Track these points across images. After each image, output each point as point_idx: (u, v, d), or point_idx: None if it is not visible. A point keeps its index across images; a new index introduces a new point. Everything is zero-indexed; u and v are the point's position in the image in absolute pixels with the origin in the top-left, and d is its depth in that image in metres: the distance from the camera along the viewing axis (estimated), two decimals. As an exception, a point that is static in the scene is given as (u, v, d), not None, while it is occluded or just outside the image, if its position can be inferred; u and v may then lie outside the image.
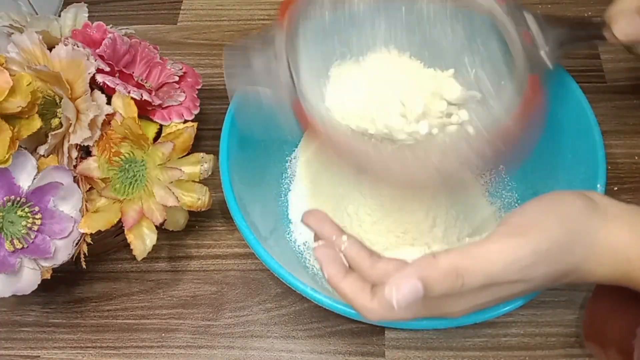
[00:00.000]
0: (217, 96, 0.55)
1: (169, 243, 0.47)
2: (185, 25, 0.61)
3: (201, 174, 0.41)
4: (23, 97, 0.37)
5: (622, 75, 0.54)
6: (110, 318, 0.44)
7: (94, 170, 0.40)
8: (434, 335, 0.42)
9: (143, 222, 0.40)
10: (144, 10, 0.63)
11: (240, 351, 0.42)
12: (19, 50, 0.39)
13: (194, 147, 0.41)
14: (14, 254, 0.37)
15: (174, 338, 0.43)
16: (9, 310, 0.45)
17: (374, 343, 0.42)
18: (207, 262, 0.46)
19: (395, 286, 0.26)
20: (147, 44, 0.46)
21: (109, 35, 0.43)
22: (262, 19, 0.61)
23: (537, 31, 0.38)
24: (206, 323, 0.44)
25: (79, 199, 0.39)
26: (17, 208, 0.38)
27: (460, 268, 0.27)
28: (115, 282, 0.46)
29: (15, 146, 0.37)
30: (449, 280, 0.27)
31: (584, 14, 0.58)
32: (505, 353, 0.41)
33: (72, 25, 0.45)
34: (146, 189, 0.40)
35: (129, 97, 0.40)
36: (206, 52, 0.59)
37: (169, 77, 0.45)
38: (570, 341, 0.41)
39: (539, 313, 0.42)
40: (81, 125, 0.38)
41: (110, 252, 0.47)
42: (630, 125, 0.51)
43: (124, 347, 0.43)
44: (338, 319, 0.43)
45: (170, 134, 0.41)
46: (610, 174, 0.47)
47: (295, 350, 0.42)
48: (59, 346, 0.43)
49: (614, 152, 0.49)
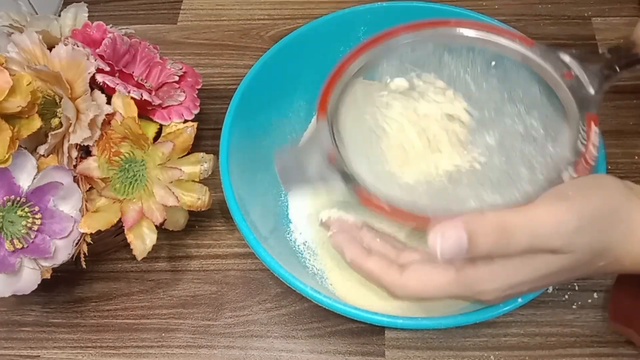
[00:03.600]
0: (217, 96, 0.55)
1: (169, 243, 0.47)
2: (185, 25, 0.61)
3: (201, 174, 0.41)
4: (23, 96, 0.37)
5: (622, 75, 0.54)
6: (110, 318, 0.44)
7: (94, 170, 0.40)
8: (434, 335, 0.42)
9: (143, 222, 0.40)
10: (144, 10, 0.63)
11: (240, 351, 0.42)
12: (19, 50, 0.39)
13: (194, 147, 0.41)
14: (14, 253, 0.37)
15: (174, 338, 0.43)
16: (9, 310, 0.45)
17: (374, 343, 0.42)
18: (207, 262, 0.46)
19: (440, 233, 0.25)
20: (147, 43, 0.46)
21: (108, 35, 0.43)
22: (262, 19, 0.61)
23: (579, 69, 0.37)
24: (206, 323, 0.44)
25: (79, 199, 0.39)
26: (17, 208, 0.38)
27: (508, 223, 0.26)
28: (115, 282, 0.46)
29: (15, 146, 0.37)
30: (495, 235, 0.26)
31: (584, 14, 0.58)
32: (505, 353, 0.41)
33: (72, 25, 0.45)
34: (146, 189, 0.40)
35: (129, 96, 0.40)
36: (206, 52, 0.59)
37: (169, 76, 0.45)
38: (570, 341, 0.41)
39: (539, 313, 0.42)
40: (81, 125, 0.38)
41: (110, 252, 0.47)
42: (630, 125, 0.51)
43: (124, 347, 0.43)
44: (338, 319, 0.43)
45: (170, 134, 0.41)
46: (610, 174, 0.47)
47: (295, 350, 0.42)
48: (59, 346, 0.43)
49: (614, 152, 0.49)
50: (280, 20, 0.61)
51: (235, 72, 0.57)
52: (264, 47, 0.58)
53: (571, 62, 0.37)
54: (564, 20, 0.58)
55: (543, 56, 0.38)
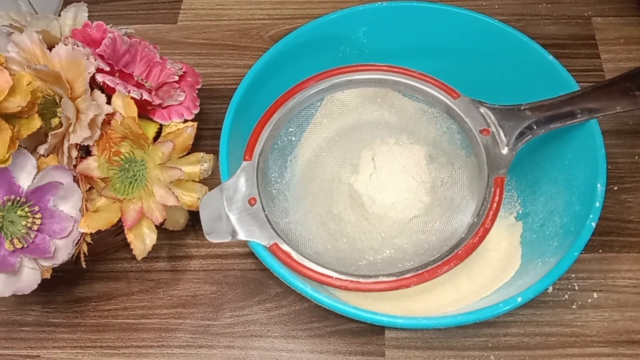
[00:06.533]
0: (217, 96, 0.55)
1: (169, 243, 0.47)
2: (185, 25, 0.61)
3: (201, 174, 0.41)
4: (23, 96, 0.37)
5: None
6: (110, 318, 0.44)
7: (94, 170, 0.40)
8: (434, 335, 0.42)
9: (143, 222, 0.40)
10: (144, 9, 0.63)
11: (240, 351, 0.42)
12: (18, 50, 0.39)
13: (194, 146, 0.41)
14: (14, 253, 0.37)
15: (174, 338, 0.43)
16: (9, 310, 0.45)
17: (374, 343, 0.42)
18: (207, 262, 0.46)
19: None
20: (147, 43, 0.46)
21: (108, 35, 0.43)
22: (262, 19, 0.61)
23: (497, 127, 0.39)
24: (206, 323, 0.44)
25: (79, 199, 0.39)
26: (17, 208, 0.38)
27: None
28: (115, 281, 0.46)
29: (15, 146, 0.37)
30: None
31: (584, 13, 0.59)
32: (505, 353, 0.41)
33: (72, 24, 0.45)
34: (146, 189, 0.40)
35: (129, 96, 0.40)
36: (206, 52, 0.59)
37: (168, 76, 0.45)
38: (570, 341, 0.41)
39: (539, 313, 0.42)
40: (81, 125, 0.38)
41: (110, 252, 0.47)
42: (630, 125, 0.51)
43: (124, 346, 0.43)
44: (338, 319, 0.43)
45: (170, 134, 0.41)
46: (610, 174, 0.47)
47: (295, 350, 0.42)
48: (59, 346, 0.43)
49: (614, 152, 0.49)
50: (280, 20, 0.61)
51: (235, 72, 0.57)
52: (264, 47, 0.58)
53: (491, 117, 0.39)
54: (564, 20, 0.58)
55: (466, 110, 0.40)
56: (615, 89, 0.39)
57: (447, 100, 0.40)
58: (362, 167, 0.43)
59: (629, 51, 0.55)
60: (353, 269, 0.37)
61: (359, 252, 0.40)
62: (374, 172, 0.42)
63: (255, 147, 0.39)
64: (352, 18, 0.46)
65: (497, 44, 0.45)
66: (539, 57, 0.43)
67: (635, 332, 0.41)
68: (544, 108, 0.39)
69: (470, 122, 0.39)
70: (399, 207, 0.41)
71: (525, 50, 0.43)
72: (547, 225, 0.41)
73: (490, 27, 0.45)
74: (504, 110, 0.39)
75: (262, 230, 0.36)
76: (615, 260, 0.44)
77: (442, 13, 0.45)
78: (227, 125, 0.41)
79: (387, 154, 0.43)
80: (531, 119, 0.38)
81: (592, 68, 0.55)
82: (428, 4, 0.46)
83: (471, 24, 0.45)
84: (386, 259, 0.39)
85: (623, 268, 0.44)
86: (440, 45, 0.47)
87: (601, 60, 0.55)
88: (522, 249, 0.42)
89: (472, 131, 0.39)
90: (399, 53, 0.47)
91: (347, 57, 0.48)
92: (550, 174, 0.42)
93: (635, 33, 0.57)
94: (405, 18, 0.46)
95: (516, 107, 0.39)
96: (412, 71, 0.41)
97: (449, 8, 0.45)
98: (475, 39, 0.45)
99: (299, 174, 0.46)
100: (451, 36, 0.46)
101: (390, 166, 0.42)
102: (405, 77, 0.41)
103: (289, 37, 0.45)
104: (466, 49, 0.46)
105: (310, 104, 0.42)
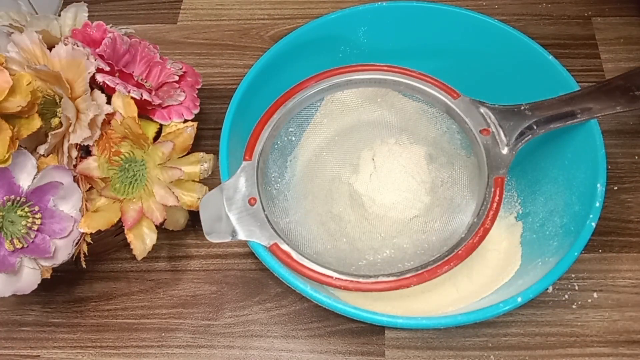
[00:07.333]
0: (217, 96, 0.55)
1: (169, 243, 0.47)
2: (185, 25, 0.61)
3: (201, 174, 0.41)
4: (23, 96, 0.37)
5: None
6: (110, 318, 0.44)
7: (94, 170, 0.40)
8: (434, 335, 0.42)
9: (143, 222, 0.40)
10: (144, 9, 0.63)
11: (240, 351, 0.42)
12: (18, 50, 0.39)
13: (194, 146, 0.41)
14: (14, 253, 0.37)
15: (174, 338, 0.43)
16: (9, 310, 0.45)
17: (374, 343, 0.42)
18: (207, 262, 0.46)
19: None
20: (147, 43, 0.46)
21: (108, 35, 0.43)
22: (262, 19, 0.61)
23: (497, 126, 0.39)
24: (206, 323, 0.44)
25: (79, 199, 0.39)
26: (17, 208, 0.38)
27: None
28: (115, 281, 0.46)
29: (15, 146, 0.37)
30: None
31: (584, 13, 0.59)
32: (505, 353, 0.41)
33: (72, 24, 0.45)
34: (146, 189, 0.40)
35: (129, 96, 0.40)
36: (206, 52, 0.59)
37: (168, 76, 0.45)
38: (570, 341, 0.41)
39: (539, 313, 0.42)
40: (81, 125, 0.38)
41: (110, 252, 0.47)
42: (630, 125, 0.51)
43: (124, 346, 0.43)
44: (338, 319, 0.43)
45: (170, 134, 0.41)
46: (610, 174, 0.47)
47: (295, 350, 0.42)
48: (59, 346, 0.43)
49: (614, 152, 0.49)
50: (280, 20, 0.61)
51: (235, 72, 0.57)
52: (264, 47, 0.58)
53: (491, 117, 0.39)
54: (564, 20, 0.58)
55: (466, 110, 0.40)
56: (615, 89, 0.39)
57: (447, 100, 0.40)
58: (362, 167, 0.43)
59: (629, 51, 0.55)
60: (353, 269, 0.37)
61: (359, 252, 0.40)
62: (374, 172, 0.42)
63: (255, 147, 0.39)
64: (352, 18, 0.46)
65: (497, 44, 0.45)
66: (539, 57, 0.43)
67: (635, 332, 0.41)
68: (544, 108, 0.39)
69: (470, 122, 0.39)
70: (399, 207, 0.41)
71: (525, 50, 0.43)
72: (547, 225, 0.41)
73: (491, 27, 0.45)
74: (504, 110, 0.39)
75: (262, 230, 0.36)
76: (615, 260, 0.44)
77: (442, 13, 0.45)
78: (227, 125, 0.41)
79: (387, 154, 0.43)
80: (531, 119, 0.39)
81: (592, 68, 0.55)
82: (428, 4, 0.46)
83: (471, 24, 0.45)
84: (386, 259, 0.39)
85: (623, 268, 0.44)
86: (440, 45, 0.47)
87: (601, 60, 0.55)
88: (522, 249, 0.42)
89: (472, 131, 0.39)
90: (398, 53, 0.47)
91: (347, 57, 0.48)
92: (550, 174, 0.42)
93: (635, 33, 0.57)
94: (405, 18, 0.46)
95: (516, 107, 0.39)
96: (412, 71, 0.41)
97: (449, 8, 0.45)
98: (475, 39, 0.45)
99: (299, 174, 0.46)
100: (451, 36, 0.46)
101: (390, 166, 0.42)
102: (405, 77, 0.41)
103: (289, 37, 0.45)
104: (466, 49, 0.46)
105: (310, 104, 0.42)
